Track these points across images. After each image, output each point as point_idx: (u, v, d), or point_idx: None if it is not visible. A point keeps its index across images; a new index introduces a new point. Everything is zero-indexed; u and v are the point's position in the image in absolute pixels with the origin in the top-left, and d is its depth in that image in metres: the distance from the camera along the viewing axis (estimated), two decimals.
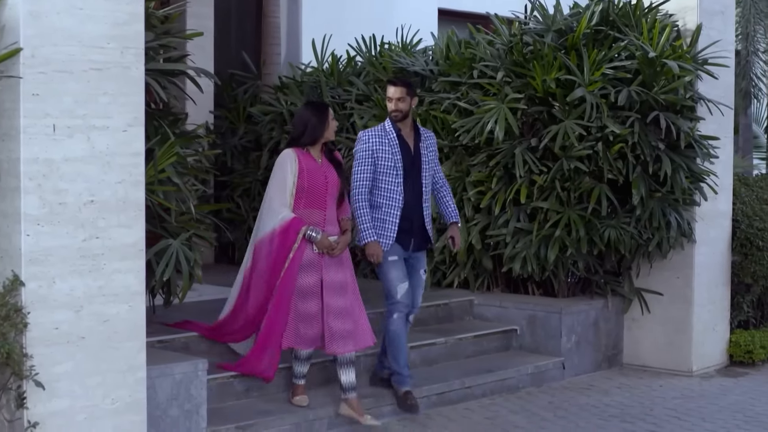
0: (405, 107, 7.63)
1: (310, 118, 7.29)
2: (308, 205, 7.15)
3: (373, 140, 7.58)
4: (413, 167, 7.64)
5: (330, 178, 7.26)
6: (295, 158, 7.15)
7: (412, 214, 7.62)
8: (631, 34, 9.04)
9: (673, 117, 8.83)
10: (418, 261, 7.83)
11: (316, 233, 7.05)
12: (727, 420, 7.92)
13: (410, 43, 11.08)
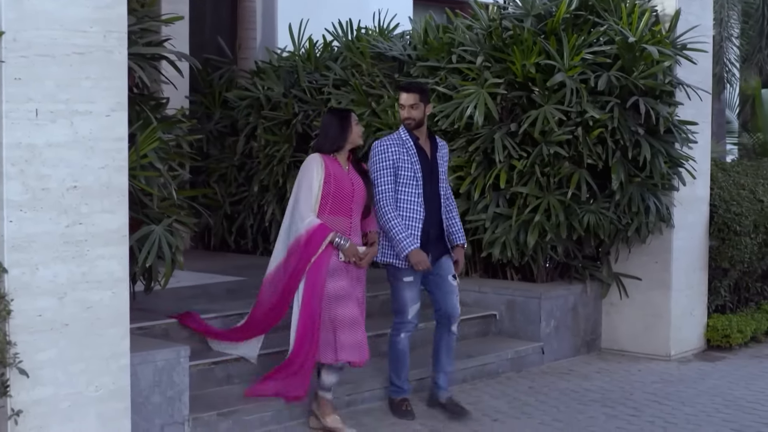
0: (418, 115, 7.27)
1: (331, 126, 7.03)
2: (333, 211, 6.86)
3: (391, 150, 7.23)
4: (431, 177, 7.33)
5: (357, 186, 6.96)
6: (322, 163, 6.87)
7: (429, 226, 7.29)
8: (611, 19, 9.03)
9: (653, 102, 8.84)
10: (443, 268, 7.43)
11: (344, 241, 6.78)
12: (707, 404, 7.95)
13: (387, 27, 11.04)
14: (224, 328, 7.58)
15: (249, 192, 11.27)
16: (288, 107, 10.79)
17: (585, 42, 8.87)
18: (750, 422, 7.47)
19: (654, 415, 7.62)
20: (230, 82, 11.74)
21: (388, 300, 8.95)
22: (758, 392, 8.33)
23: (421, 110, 7.29)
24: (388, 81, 10.02)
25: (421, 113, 7.29)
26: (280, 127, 10.91)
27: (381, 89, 9.98)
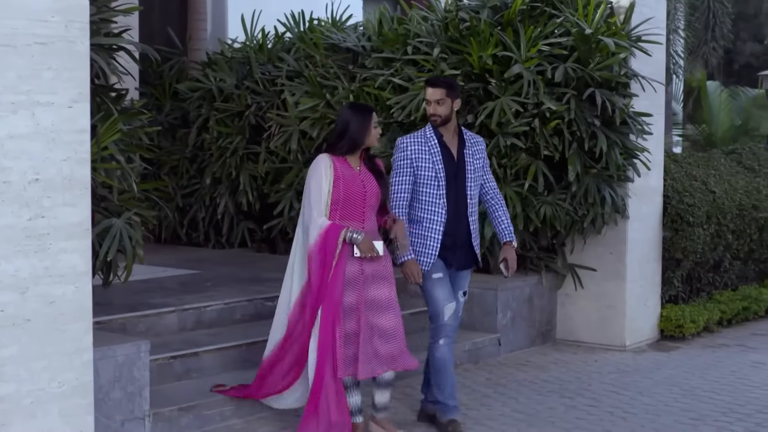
0: (445, 111, 6.80)
1: (350, 122, 6.51)
2: (344, 216, 6.42)
3: (412, 147, 6.78)
4: (457, 177, 6.84)
5: (369, 188, 6.51)
6: (331, 164, 6.43)
7: (455, 229, 6.82)
8: (567, 10, 9.05)
9: (608, 94, 8.87)
10: (460, 280, 7.03)
11: (357, 234, 6.34)
12: (664, 394, 8.00)
13: (340, 19, 10.99)
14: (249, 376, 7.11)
15: (201, 184, 11.17)
16: (241, 99, 10.71)
17: (541, 34, 8.88)
18: (708, 411, 7.52)
19: (613, 405, 7.66)
20: (181, 73, 11.63)
21: None
22: (713, 381, 8.40)
23: (448, 106, 6.82)
24: (343, 72, 9.97)
25: (447, 109, 6.82)
26: (232, 119, 10.82)
27: (335, 81, 9.93)
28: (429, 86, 6.90)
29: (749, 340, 10.07)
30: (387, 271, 6.62)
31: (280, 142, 10.26)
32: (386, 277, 6.61)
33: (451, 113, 6.86)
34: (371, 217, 6.60)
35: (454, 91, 6.89)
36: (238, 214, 11.13)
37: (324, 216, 6.38)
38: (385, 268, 6.61)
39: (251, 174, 10.69)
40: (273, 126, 10.41)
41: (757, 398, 7.90)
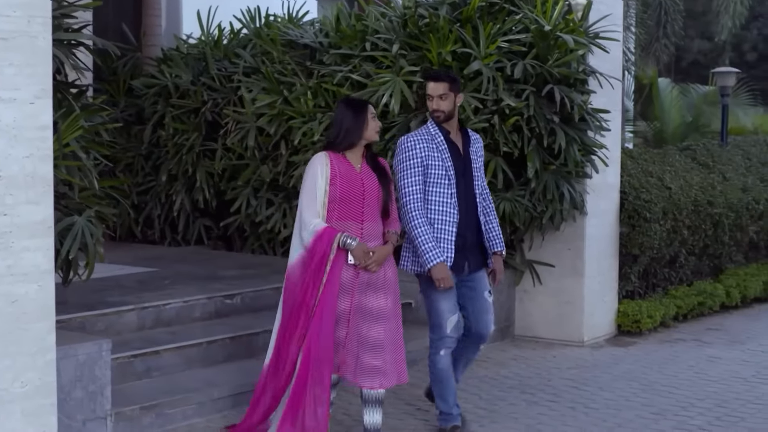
0: (447, 107, 6.57)
1: (345, 118, 6.26)
2: (342, 216, 6.14)
3: (420, 146, 6.50)
4: (465, 174, 6.61)
5: (368, 187, 6.20)
6: (327, 162, 6.15)
7: (465, 229, 6.58)
8: (525, 7, 9.06)
9: (567, 90, 8.89)
10: (479, 282, 6.78)
11: (351, 240, 6.05)
12: (624, 388, 8.05)
13: (296, 15, 10.94)
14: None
15: (157, 182, 11.08)
16: (197, 95, 10.64)
17: (500, 30, 8.89)
18: (668, 406, 7.57)
19: (574, 401, 7.69)
20: (135, 69, 11.53)
21: None
22: (672, 376, 8.46)
23: (451, 101, 6.59)
24: (300, 69, 9.93)
25: (450, 104, 6.59)
26: (188, 116, 10.75)
27: (293, 77, 9.88)
28: (431, 80, 6.67)
29: (704, 334, 10.15)
30: (384, 280, 6.27)
31: (237, 138, 10.21)
32: (383, 287, 6.26)
33: (455, 109, 6.63)
34: (373, 217, 6.27)
35: (457, 85, 6.68)
36: (194, 212, 11.06)
37: (319, 217, 6.11)
38: (381, 277, 6.26)
39: (208, 171, 10.62)
40: (230, 123, 10.35)
41: (715, 392, 7.96)
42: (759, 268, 11.82)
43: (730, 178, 11.63)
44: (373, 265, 6.15)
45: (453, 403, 6.78)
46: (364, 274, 6.20)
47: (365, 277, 6.20)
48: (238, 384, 7.29)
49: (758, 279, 11.52)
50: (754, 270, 11.71)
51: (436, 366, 6.74)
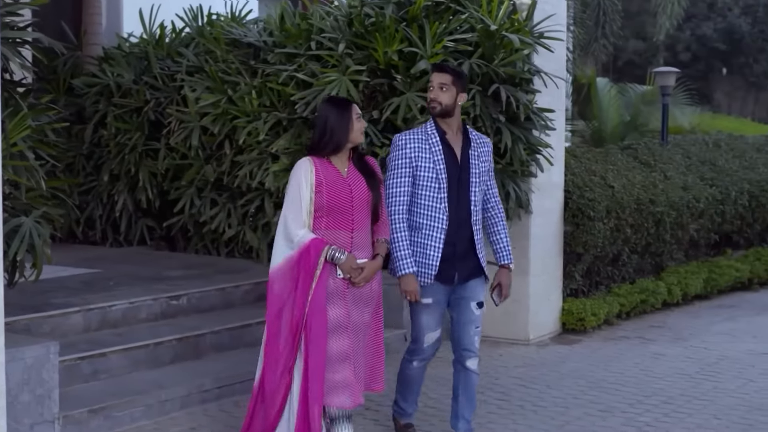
0: (446, 99, 6.16)
1: (328, 118, 5.88)
2: (331, 225, 5.80)
3: (411, 145, 6.15)
4: (460, 179, 6.18)
5: (357, 193, 5.86)
6: (312, 168, 5.79)
7: (455, 238, 6.15)
8: (471, 6, 9.07)
9: (513, 89, 8.92)
10: (471, 290, 6.31)
11: (340, 253, 5.73)
12: (572, 386, 8.09)
13: (239, 14, 10.87)
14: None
15: (98, 182, 10.96)
16: (139, 94, 10.54)
17: (446, 30, 8.89)
18: (615, 403, 7.63)
19: (523, 399, 7.72)
20: (75, 68, 11.38)
21: (251, 290, 8.95)
22: (618, 373, 8.52)
23: (452, 95, 6.18)
24: (244, 68, 9.86)
25: (450, 98, 6.17)
26: (131, 115, 10.65)
27: (237, 76, 9.82)
28: (435, 70, 6.31)
29: (648, 332, 10.24)
30: (371, 293, 5.99)
31: (181, 138, 10.13)
32: (369, 300, 5.99)
33: (454, 106, 6.21)
34: (363, 225, 5.94)
35: (462, 82, 6.27)
36: (136, 212, 10.95)
37: (305, 227, 5.76)
38: (368, 290, 5.96)
39: (151, 171, 10.52)
40: (173, 122, 10.26)
41: (661, 389, 8.03)
42: (699, 266, 11.94)
43: (671, 177, 11.75)
44: (360, 279, 5.83)
45: (412, 402, 6.69)
46: (353, 287, 5.89)
47: (354, 288, 5.89)
48: (186, 386, 7.25)
49: (698, 276, 11.65)
50: (694, 268, 11.83)
51: (405, 372, 6.55)
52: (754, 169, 13.14)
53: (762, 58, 40.16)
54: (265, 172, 9.43)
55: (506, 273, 6.41)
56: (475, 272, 6.30)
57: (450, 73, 6.23)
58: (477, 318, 6.34)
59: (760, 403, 7.66)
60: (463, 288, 6.30)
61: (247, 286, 8.96)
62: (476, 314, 6.33)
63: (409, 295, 6.10)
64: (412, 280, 6.08)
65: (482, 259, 6.30)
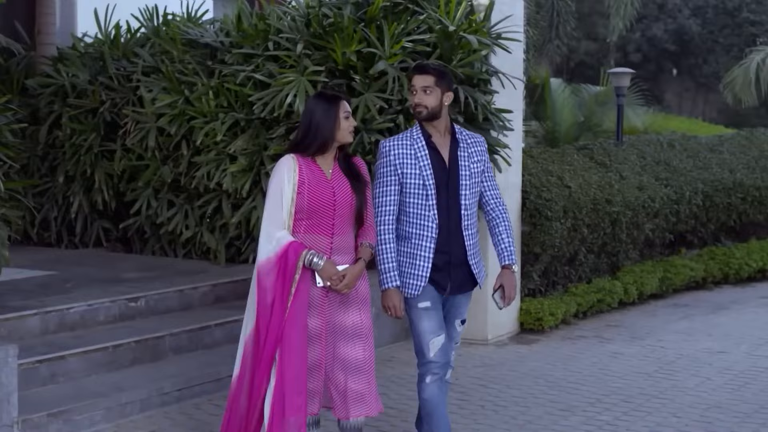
0: (432, 102, 5.78)
1: (313, 114, 5.58)
2: (310, 229, 5.53)
3: (396, 151, 5.78)
4: (449, 184, 5.81)
5: (340, 195, 5.58)
6: (295, 167, 5.51)
7: (448, 246, 5.80)
8: (429, 7, 9.08)
9: (471, 90, 8.94)
10: (457, 307, 6.04)
11: (318, 258, 5.45)
12: (532, 386, 8.12)
13: (195, 14, 10.81)
14: None
15: (53, 183, 10.87)
16: (95, 95, 10.46)
17: (404, 30, 8.89)
18: (575, 402, 7.67)
19: (483, 399, 7.75)
20: (29, 68, 11.27)
21: (210, 291, 8.92)
22: (576, 373, 8.57)
23: (437, 97, 5.80)
24: (201, 68, 9.81)
25: (436, 100, 5.79)
26: (86, 116, 10.57)
27: (194, 76, 9.76)
28: (416, 72, 5.90)
29: (605, 331, 10.30)
30: (357, 294, 5.69)
31: (137, 139, 10.06)
32: (356, 301, 5.69)
33: (441, 107, 5.82)
34: (344, 230, 5.65)
35: (445, 80, 5.88)
36: (92, 213, 10.85)
37: (285, 228, 5.50)
38: (353, 292, 5.66)
39: (107, 172, 10.44)
40: (129, 123, 10.19)
41: (620, 388, 8.09)
42: (654, 265, 12.03)
43: (626, 177, 11.83)
44: (342, 285, 5.53)
45: None
46: (334, 293, 5.62)
47: (335, 294, 5.61)
48: (146, 388, 7.21)
49: (654, 276, 11.73)
50: (649, 267, 11.92)
51: (422, 396, 5.96)
52: (708, 169, 13.25)
53: (711, 59, 40.54)
54: (222, 173, 9.39)
55: (509, 274, 5.98)
56: (466, 284, 5.97)
57: (432, 74, 5.84)
58: (458, 335, 6.11)
59: (718, 401, 7.73)
60: (451, 303, 5.98)
61: (205, 288, 8.93)
62: (458, 330, 6.08)
63: (390, 310, 5.74)
64: (395, 294, 5.74)
65: (475, 268, 5.94)
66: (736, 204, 13.36)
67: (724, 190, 13.15)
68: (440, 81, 5.83)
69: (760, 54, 21.21)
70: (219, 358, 7.89)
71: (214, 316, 8.39)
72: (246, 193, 9.31)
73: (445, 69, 6.17)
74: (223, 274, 9.38)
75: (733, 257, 12.97)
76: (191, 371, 7.61)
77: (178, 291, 8.68)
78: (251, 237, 9.67)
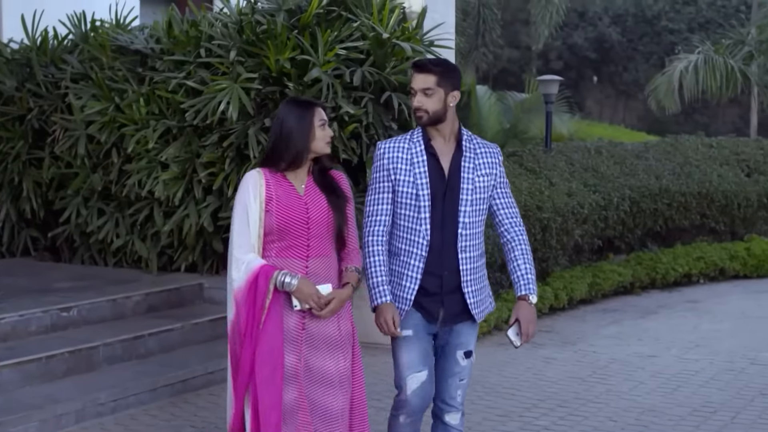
0: (433, 106, 5.00)
1: (284, 122, 4.89)
2: (282, 252, 4.87)
3: (390, 155, 5.07)
4: (446, 197, 5.04)
5: (314, 212, 4.90)
6: (261, 182, 4.86)
7: (440, 268, 5.03)
8: (362, 15, 9.09)
9: (404, 97, 8.95)
10: (456, 336, 5.16)
11: (291, 278, 4.76)
12: (469, 393, 8.12)
13: (124, 20, 10.69)
14: None
15: None
16: (22, 102, 10.34)
17: (338, 38, 8.90)
18: (512, 407, 7.71)
19: None
20: None
21: (142, 301, 8.83)
22: (512, 378, 8.61)
23: (440, 99, 5.00)
24: (132, 75, 9.73)
25: (438, 103, 5.00)
26: (13, 123, 10.43)
27: (124, 83, 9.68)
28: (415, 71, 5.08)
29: (537, 336, 10.27)
30: (339, 335, 5.00)
31: (66, 147, 9.95)
32: (337, 343, 4.98)
33: (444, 110, 5.03)
34: (322, 252, 4.94)
35: (450, 79, 5.06)
36: (20, 222, 10.70)
37: (254, 251, 4.85)
38: (335, 331, 4.98)
39: (35, 180, 10.31)
40: (57, 130, 10.07)
41: (555, 393, 8.14)
42: (583, 271, 12.15)
43: (556, 183, 11.94)
44: (326, 311, 4.85)
45: None
46: (312, 325, 4.90)
47: (313, 328, 4.90)
48: (81, 399, 7.10)
49: (583, 281, 11.84)
50: (579, 272, 12.03)
51: (390, 430, 5.34)
52: (635, 175, 13.43)
53: (632, 67, 41.10)
54: (154, 180, 9.32)
55: (525, 306, 5.05)
56: (465, 313, 5.11)
57: (434, 73, 5.02)
58: (463, 370, 5.21)
59: (652, 404, 7.82)
60: (449, 332, 5.15)
61: (138, 297, 8.83)
62: (462, 365, 5.20)
63: (382, 327, 5.02)
64: (388, 309, 5.00)
65: (471, 297, 5.09)
66: (663, 210, 13.54)
67: (651, 196, 13.32)
68: (443, 80, 5.02)
69: (683, 62, 21.56)
70: (154, 367, 7.82)
71: (147, 326, 8.31)
72: (178, 201, 9.25)
73: (450, 65, 5.17)
74: (155, 282, 9.30)
75: (660, 262, 13.14)
76: (126, 381, 7.51)
77: (110, 300, 8.58)
78: (183, 245, 9.61)
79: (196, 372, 7.99)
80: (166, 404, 7.56)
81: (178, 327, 8.52)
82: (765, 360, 9.30)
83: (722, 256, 13.81)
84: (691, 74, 20.69)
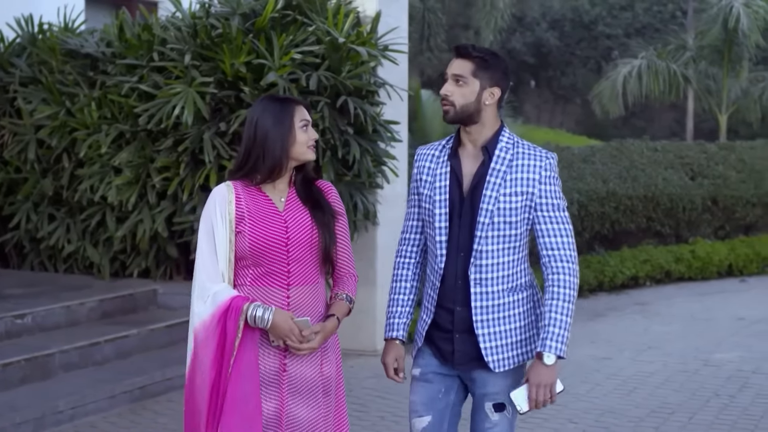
0: (463, 99, 4.13)
1: (258, 122, 4.10)
2: (259, 280, 4.11)
3: (419, 163, 4.33)
4: (462, 213, 4.20)
5: (295, 231, 4.13)
6: (231, 197, 4.09)
7: (452, 300, 4.25)
8: (318, 19, 9.07)
9: (360, 102, 8.96)
10: (482, 385, 4.30)
11: (264, 311, 4.01)
12: None
13: (72, 24, 10.57)
14: None
15: None
16: None
17: (293, 42, 8.86)
18: None
19: (381, 410, 7.76)
20: None
21: (96, 307, 8.75)
22: None
23: (473, 91, 4.12)
24: (83, 79, 9.62)
25: (469, 97, 4.12)
26: None
27: (75, 87, 9.58)
28: (455, 55, 4.22)
29: None
30: (324, 380, 4.24)
31: (15, 151, 9.83)
32: (319, 388, 4.22)
33: (478, 107, 4.15)
34: (309, 278, 4.20)
35: (490, 71, 4.16)
36: None
37: (224, 280, 4.09)
38: (317, 375, 4.21)
39: None
40: (6, 135, 9.95)
41: None
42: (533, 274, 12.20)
43: None
44: (304, 348, 4.08)
45: None
46: (293, 366, 4.15)
47: (294, 370, 4.15)
48: (39, 408, 7.03)
49: None
50: None
51: None
52: (582, 179, 13.55)
53: (569, 71, 41.34)
54: (107, 185, 9.23)
55: (537, 366, 4.17)
56: (475, 356, 4.25)
57: (471, 59, 4.14)
58: (494, 426, 4.32)
59: (611, 406, 7.89)
60: (471, 380, 4.33)
61: (92, 303, 8.75)
62: (493, 420, 4.32)
63: (385, 368, 4.43)
64: (391, 349, 4.42)
65: (484, 341, 4.20)
66: (610, 213, 13.68)
67: (598, 200, 13.45)
68: (482, 71, 4.14)
69: (627, 67, 21.80)
70: (111, 374, 7.77)
71: (103, 332, 8.25)
72: (132, 206, 9.17)
73: (495, 56, 4.23)
74: (108, 288, 9.22)
75: (608, 265, 13.27)
76: (84, 389, 7.44)
77: (64, 307, 8.49)
78: (136, 250, 9.53)
79: (155, 378, 7.94)
80: (126, 411, 7.51)
81: (134, 333, 8.45)
82: (717, 361, 9.43)
83: (668, 258, 13.99)
84: (634, 79, 20.93)
